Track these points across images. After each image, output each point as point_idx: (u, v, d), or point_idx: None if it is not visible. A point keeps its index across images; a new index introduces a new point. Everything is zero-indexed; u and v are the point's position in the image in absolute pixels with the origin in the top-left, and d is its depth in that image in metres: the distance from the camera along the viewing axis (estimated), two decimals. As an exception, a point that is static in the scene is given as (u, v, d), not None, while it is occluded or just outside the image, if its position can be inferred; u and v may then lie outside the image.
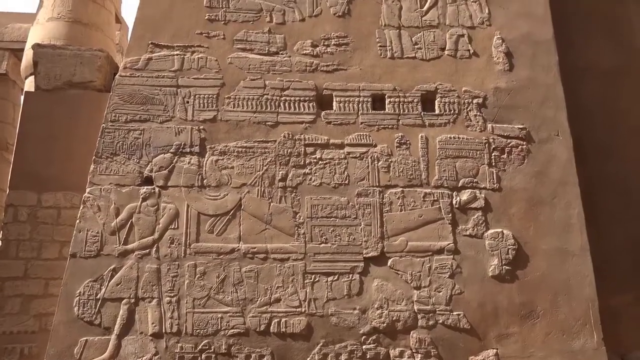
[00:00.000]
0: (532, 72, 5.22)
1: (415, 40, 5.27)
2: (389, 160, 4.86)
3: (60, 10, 10.87)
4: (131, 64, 5.03)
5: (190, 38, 5.14)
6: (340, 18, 5.29)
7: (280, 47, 5.16)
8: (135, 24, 5.17)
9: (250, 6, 5.28)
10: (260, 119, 4.93)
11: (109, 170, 4.73)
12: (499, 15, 5.40)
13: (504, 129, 5.03)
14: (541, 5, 5.47)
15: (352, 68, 5.14)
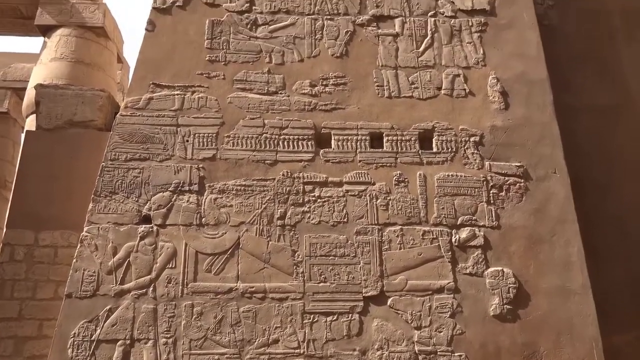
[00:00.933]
0: (528, 110, 5.29)
1: (412, 80, 5.36)
2: (388, 198, 4.87)
3: (64, 51, 11.09)
4: (132, 104, 5.10)
5: (191, 78, 5.23)
6: (338, 59, 5.41)
7: (280, 87, 5.25)
8: (137, 65, 5.27)
9: (250, 47, 5.40)
10: (259, 157, 4.96)
11: (107, 208, 4.72)
12: (494, 56, 5.52)
13: (502, 167, 5.06)
14: (534, 46, 5.60)
15: (350, 107, 5.22)
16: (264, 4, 5.57)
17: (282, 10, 5.56)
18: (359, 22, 5.56)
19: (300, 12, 5.56)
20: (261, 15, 5.52)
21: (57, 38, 11.41)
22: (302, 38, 5.45)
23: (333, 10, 5.59)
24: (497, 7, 5.74)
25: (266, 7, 5.56)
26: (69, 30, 11.48)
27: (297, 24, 5.50)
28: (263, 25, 5.47)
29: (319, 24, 5.52)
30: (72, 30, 11.53)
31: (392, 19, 5.62)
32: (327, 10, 5.59)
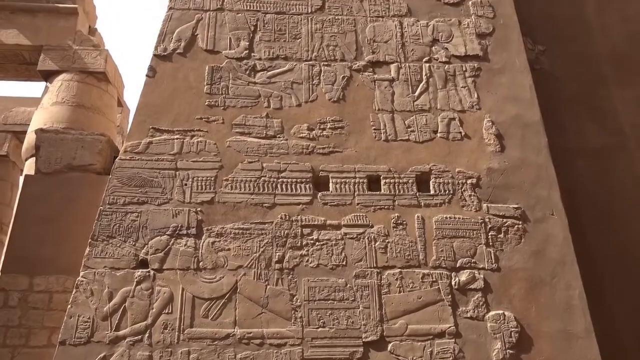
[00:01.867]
0: (523, 153, 5.36)
1: (408, 123, 5.44)
2: (386, 240, 4.86)
3: (65, 95, 11.26)
4: (131, 148, 5.15)
5: (190, 123, 5.30)
6: (336, 103, 5.50)
7: (278, 130, 5.31)
8: (137, 110, 5.34)
9: (249, 92, 5.50)
10: (257, 200, 4.97)
11: (104, 253, 4.69)
12: (488, 100, 5.63)
13: (499, 209, 5.07)
14: (527, 90, 5.72)
15: (347, 150, 5.27)
16: (263, 51, 5.71)
17: (280, 56, 5.70)
18: (355, 67, 5.70)
19: (298, 59, 5.70)
20: (260, 61, 5.65)
21: (58, 83, 11.60)
22: (300, 83, 5.56)
23: (330, 57, 5.73)
24: (489, 53, 5.90)
25: (265, 54, 5.70)
26: (70, 76, 11.69)
27: (295, 69, 5.63)
28: (262, 71, 5.59)
29: (316, 70, 5.65)
30: (73, 75, 11.74)
31: (387, 64, 5.76)
32: (324, 56, 5.73)
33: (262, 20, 5.89)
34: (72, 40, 11.80)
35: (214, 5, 5.93)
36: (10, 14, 11.73)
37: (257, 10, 5.94)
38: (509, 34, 6.07)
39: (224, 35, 5.76)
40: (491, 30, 6.06)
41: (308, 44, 5.79)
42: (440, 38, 5.97)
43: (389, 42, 5.89)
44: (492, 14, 6.18)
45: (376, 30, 5.94)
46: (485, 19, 6.12)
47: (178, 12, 5.83)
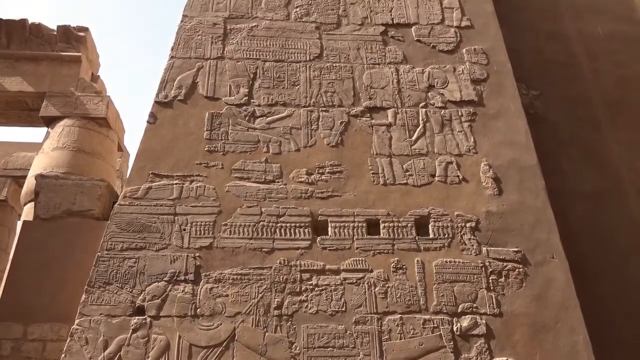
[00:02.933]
0: (521, 196, 5.38)
1: (406, 167, 5.49)
2: (386, 285, 4.81)
3: (66, 141, 11.38)
4: (131, 193, 5.16)
5: (190, 168, 5.34)
6: (334, 148, 5.56)
7: (277, 175, 5.35)
8: (137, 156, 5.39)
9: (249, 138, 5.56)
10: (256, 245, 4.95)
11: (100, 300, 4.62)
12: (484, 144, 5.70)
13: (499, 252, 5.05)
14: (523, 134, 5.80)
15: (346, 194, 5.29)
16: (262, 97, 5.82)
17: (279, 102, 5.81)
18: (353, 113, 5.79)
19: (297, 105, 5.80)
20: (259, 107, 5.75)
21: (60, 128, 11.74)
22: (299, 129, 5.64)
23: (328, 103, 5.84)
24: (484, 98, 6.02)
25: (264, 100, 5.80)
26: (72, 121, 11.85)
27: (293, 115, 5.72)
28: (261, 117, 5.68)
29: (314, 115, 5.74)
30: (75, 120, 11.90)
31: (384, 109, 5.86)
32: (322, 102, 5.84)
33: (262, 67, 6.03)
34: (75, 87, 12.03)
35: (215, 53, 6.09)
36: (15, 62, 12.00)
37: (256, 58, 6.10)
38: (503, 80, 6.21)
39: (224, 83, 5.89)
40: (485, 76, 6.20)
41: (306, 91, 5.91)
42: (436, 84, 6.10)
43: (385, 88, 6.01)
44: (485, 60, 6.35)
45: (373, 77, 6.08)
46: (480, 66, 6.28)
47: (180, 61, 5.98)
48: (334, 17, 6.55)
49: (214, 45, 6.16)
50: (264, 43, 6.24)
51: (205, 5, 6.47)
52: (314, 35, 6.36)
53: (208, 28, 6.29)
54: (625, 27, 8.03)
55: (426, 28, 6.59)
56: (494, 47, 6.50)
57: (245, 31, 6.31)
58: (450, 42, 6.49)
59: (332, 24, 6.48)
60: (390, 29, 6.54)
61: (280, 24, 6.42)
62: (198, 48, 6.12)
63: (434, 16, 6.72)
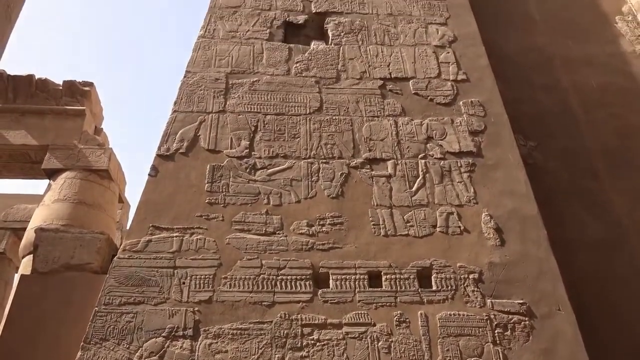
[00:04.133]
0: (524, 246, 5.34)
1: (407, 218, 5.48)
2: (390, 340, 4.69)
3: (67, 193, 11.42)
4: (130, 246, 5.13)
5: (190, 220, 5.33)
6: (334, 199, 5.57)
7: (277, 227, 5.33)
8: (137, 209, 5.39)
9: (249, 190, 5.58)
10: (256, 299, 4.87)
11: (96, 357, 4.49)
12: (484, 194, 5.71)
13: (504, 304, 4.96)
14: (522, 184, 5.83)
15: (347, 246, 5.25)
16: (263, 150, 5.89)
17: (280, 155, 5.87)
18: (353, 164, 5.84)
19: (297, 157, 5.86)
20: (260, 159, 5.80)
21: (61, 180, 11.81)
22: (299, 180, 5.67)
23: (328, 155, 5.90)
24: (483, 149, 6.09)
25: (265, 152, 5.87)
26: (74, 173, 11.93)
27: (294, 167, 5.77)
28: (262, 169, 5.73)
29: (315, 167, 5.78)
30: (77, 172, 11.99)
31: (384, 161, 5.91)
32: (322, 154, 5.90)
33: (263, 121, 6.13)
34: (78, 140, 12.19)
35: (217, 107, 6.21)
36: (20, 116, 12.22)
37: (257, 111, 6.22)
38: (501, 131, 6.31)
39: (226, 135, 5.97)
40: (483, 127, 6.30)
41: (307, 143, 5.98)
42: (435, 136, 6.18)
43: (385, 140, 6.09)
44: (482, 112, 6.46)
45: (372, 129, 6.18)
46: (477, 118, 6.39)
47: (182, 115, 6.09)
48: (333, 71, 6.73)
49: (215, 100, 6.29)
50: (265, 97, 6.37)
51: (208, 62, 6.66)
52: (313, 89, 6.51)
53: (210, 83, 6.45)
54: (618, 80, 8.23)
55: (423, 82, 6.76)
56: (491, 100, 6.63)
57: (247, 86, 6.46)
58: (447, 95, 6.63)
59: (332, 79, 6.65)
60: (389, 82, 6.70)
61: (281, 79, 6.59)
62: (200, 102, 6.24)
63: (431, 70, 6.90)
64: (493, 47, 7.62)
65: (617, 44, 8.98)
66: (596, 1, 9.83)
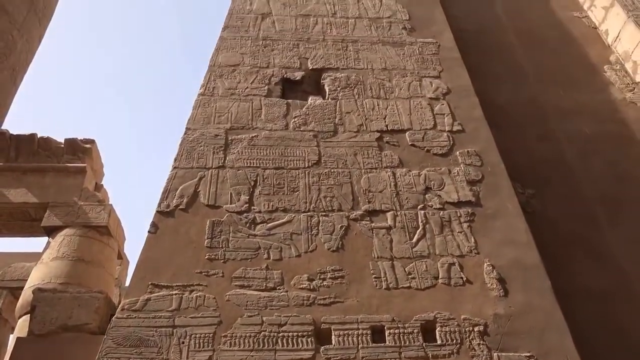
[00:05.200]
0: (528, 297, 5.26)
1: (409, 270, 5.43)
2: (395, 398, 4.54)
3: (66, 250, 11.35)
4: (129, 305, 5.05)
5: (190, 277, 5.27)
6: (335, 252, 5.54)
7: (278, 282, 5.27)
8: (137, 267, 5.35)
9: (249, 245, 5.56)
10: (257, 357, 4.74)
11: (92, 423, 4.35)
12: (485, 244, 5.68)
13: (511, 358, 4.83)
14: (523, 233, 5.81)
15: (349, 300, 5.18)
16: (262, 204, 5.91)
17: (280, 208, 5.88)
18: (352, 217, 5.85)
19: (297, 210, 5.87)
20: (259, 214, 5.81)
21: (60, 238, 11.77)
22: (299, 234, 5.66)
23: (327, 207, 5.92)
24: (481, 199, 6.11)
25: (264, 207, 5.88)
26: (73, 230, 11.91)
27: (294, 221, 5.77)
28: (261, 223, 5.73)
29: (314, 220, 5.78)
30: (76, 229, 11.97)
31: (384, 212, 5.92)
32: (321, 207, 5.92)
33: (262, 175, 6.19)
34: (78, 197, 12.24)
35: (216, 163, 6.28)
36: (22, 174, 12.33)
37: (256, 166, 6.28)
38: (498, 180, 6.35)
39: (225, 191, 6.01)
40: (480, 177, 6.35)
41: (306, 196, 6.01)
42: (433, 186, 6.23)
43: (383, 191, 6.13)
44: (479, 162, 6.53)
45: (371, 181, 6.22)
46: (474, 167, 6.45)
47: (182, 171, 6.15)
48: (331, 125, 6.86)
49: (215, 155, 6.37)
50: (264, 152, 6.46)
51: (208, 119, 6.79)
52: (312, 143, 6.61)
53: (210, 139, 6.55)
54: (610, 127, 8.37)
55: (420, 133, 6.87)
56: (486, 149, 6.72)
57: (246, 141, 6.56)
58: (443, 145, 6.73)
59: (329, 132, 6.76)
60: (385, 134, 6.81)
61: (280, 134, 6.70)
62: (200, 158, 6.32)
63: (427, 122, 7.03)
64: (486, 98, 7.79)
65: (608, 92, 9.19)
66: (584, 52, 10.14)
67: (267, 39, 8.27)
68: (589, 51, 10.10)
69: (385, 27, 8.70)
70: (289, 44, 8.21)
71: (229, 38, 8.20)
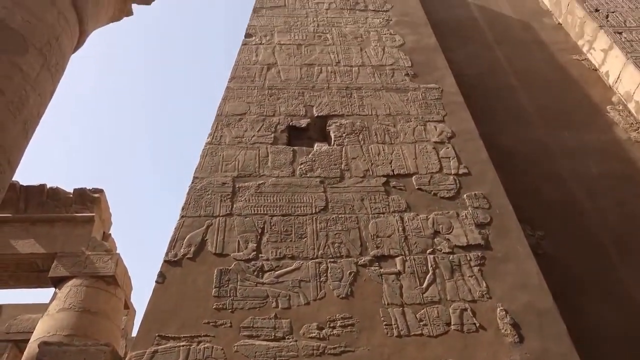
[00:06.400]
0: (544, 342, 5.12)
1: (420, 317, 5.32)
2: None
3: (72, 301, 11.26)
4: (136, 358, 4.95)
5: (197, 328, 5.19)
6: (344, 299, 5.45)
7: (287, 331, 5.17)
8: (144, 317, 5.28)
9: (257, 293, 5.49)
10: (266, 411, 4.60)
11: None
12: (497, 288, 5.58)
13: (530, 408, 4.66)
14: (535, 276, 5.71)
15: (359, 349, 5.05)
16: (270, 251, 5.87)
17: (287, 256, 5.84)
18: (361, 263, 5.79)
19: (305, 257, 5.83)
20: (267, 261, 5.77)
21: (67, 289, 11.70)
22: (308, 281, 5.59)
23: (336, 254, 5.87)
24: (491, 242, 6.05)
25: (272, 254, 5.84)
26: (80, 281, 11.85)
27: (302, 268, 5.71)
28: (269, 271, 5.67)
29: (323, 267, 5.73)
30: (83, 280, 11.91)
31: (392, 258, 5.86)
32: (330, 253, 5.87)
33: (269, 222, 6.18)
34: (86, 247, 12.24)
35: (224, 211, 6.29)
36: (30, 225, 12.39)
37: (264, 213, 6.29)
38: (507, 222, 6.31)
39: (233, 239, 5.99)
40: (489, 220, 6.30)
41: (314, 243, 5.98)
42: (441, 230, 6.18)
43: (391, 236, 6.09)
44: (487, 204, 6.51)
45: (379, 226, 6.19)
46: (482, 210, 6.42)
47: (189, 220, 6.16)
48: (337, 171, 6.89)
49: (223, 203, 6.39)
50: (271, 199, 6.48)
51: (215, 167, 6.86)
52: (318, 189, 6.63)
53: (217, 187, 6.59)
54: (617, 167, 8.35)
55: (426, 177, 6.88)
56: (493, 192, 6.71)
57: (253, 188, 6.59)
58: (450, 189, 6.72)
59: (336, 178, 6.79)
60: (392, 179, 6.83)
61: (286, 180, 6.74)
62: (208, 206, 6.34)
63: (432, 165, 7.06)
64: (490, 140, 7.84)
65: (612, 132, 9.24)
66: (586, 93, 10.27)
67: (272, 88, 8.45)
68: (591, 92, 10.23)
69: (388, 74, 8.89)
70: (294, 92, 8.38)
71: (235, 88, 8.38)
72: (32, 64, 9.05)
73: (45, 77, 9.44)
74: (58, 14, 10.18)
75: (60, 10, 10.29)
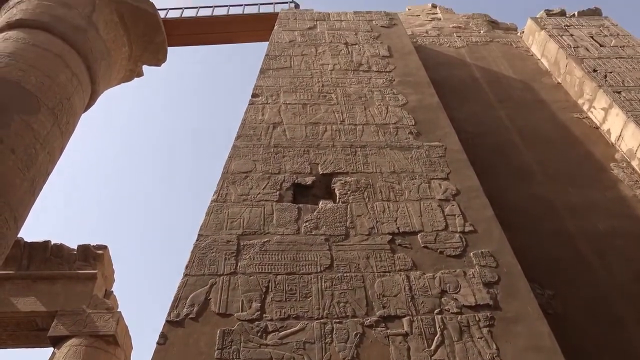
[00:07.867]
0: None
1: (429, 380, 5.13)
2: None
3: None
4: None
5: (199, 392, 5.02)
6: (350, 364, 5.28)
7: (291, 396, 4.99)
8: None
9: (261, 355, 5.33)
10: None
11: None
12: (508, 350, 5.41)
13: None
14: (546, 338, 5.54)
15: (367, 416, 4.85)
16: (274, 311, 5.76)
17: (292, 316, 5.71)
18: (367, 323, 5.65)
19: (310, 317, 5.70)
20: (271, 322, 5.64)
21: (66, 349, 11.43)
22: (313, 343, 5.44)
23: (341, 314, 5.74)
24: (500, 301, 5.91)
25: (276, 314, 5.72)
26: (79, 340, 11.59)
27: (306, 328, 5.58)
28: (273, 332, 5.54)
29: (328, 328, 5.59)
30: (82, 339, 11.65)
31: (399, 318, 5.72)
32: (335, 313, 5.75)
33: (274, 281, 6.10)
34: (87, 304, 12.05)
35: (228, 269, 6.23)
36: (32, 282, 12.27)
37: (268, 272, 6.21)
38: (515, 281, 6.19)
39: (237, 298, 5.89)
40: (497, 278, 6.19)
41: (319, 302, 5.86)
42: (449, 289, 6.06)
43: (398, 295, 5.97)
44: (494, 263, 6.41)
45: (385, 285, 6.09)
46: (489, 269, 6.32)
47: (193, 278, 6.09)
48: (342, 229, 6.87)
49: (227, 261, 6.33)
50: (275, 257, 6.42)
51: (220, 225, 6.85)
52: (323, 247, 6.58)
53: (222, 245, 6.55)
54: (624, 224, 8.30)
55: (432, 235, 6.84)
56: (500, 250, 6.63)
57: (258, 246, 6.55)
58: (456, 247, 6.66)
59: (341, 236, 6.76)
60: (397, 237, 6.78)
61: (291, 238, 6.70)
62: (212, 265, 6.28)
63: (438, 223, 7.02)
64: (496, 197, 7.85)
65: (617, 189, 9.24)
66: (588, 150, 10.36)
67: (278, 146, 8.58)
68: (593, 149, 10.32)
69: (392, 132, 9.03)
70: (300, 150, 8.49)
71: (241, 146, 8.51)
72: (43, 123, 9.27)
73: (55, 135, 9.64)
74: (72, 75, 10.54)
75: (74, 72, 10.66)
